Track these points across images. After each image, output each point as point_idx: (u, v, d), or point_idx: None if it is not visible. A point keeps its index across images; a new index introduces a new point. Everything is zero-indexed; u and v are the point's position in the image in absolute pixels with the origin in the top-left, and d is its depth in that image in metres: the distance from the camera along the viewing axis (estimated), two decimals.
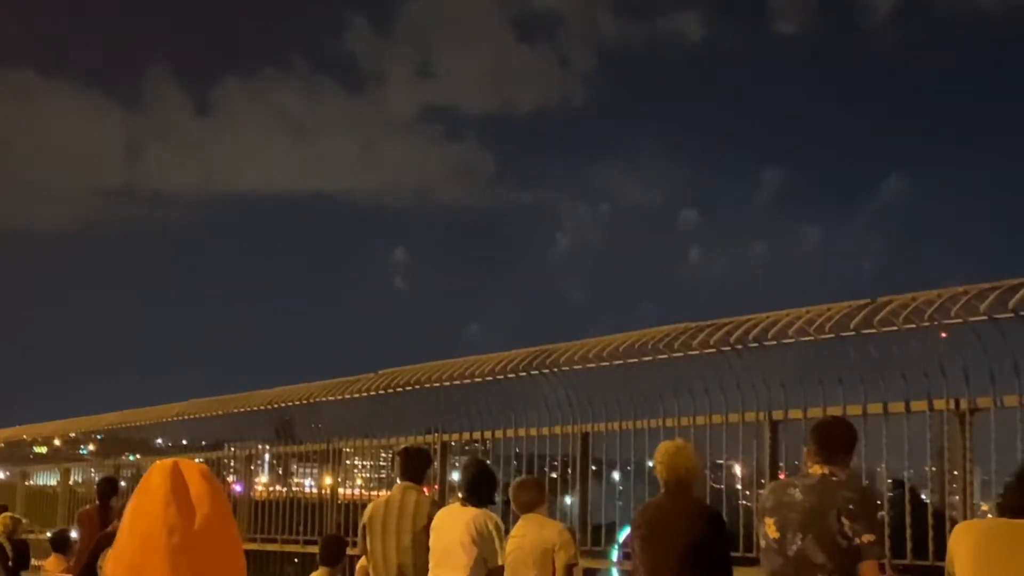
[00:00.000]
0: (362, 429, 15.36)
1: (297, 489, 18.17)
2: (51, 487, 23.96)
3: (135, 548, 2.27)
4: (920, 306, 8.96)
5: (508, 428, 12.92)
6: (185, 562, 2.25)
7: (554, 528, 8.72)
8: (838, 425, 7.10)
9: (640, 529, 7.67)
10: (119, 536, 2.32)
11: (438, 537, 8.95)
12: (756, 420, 10.09)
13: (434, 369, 13.80)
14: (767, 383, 10.08)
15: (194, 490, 2.31)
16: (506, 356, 12.75)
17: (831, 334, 9.45)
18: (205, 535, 2.29)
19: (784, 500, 6.69)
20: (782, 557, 6.60)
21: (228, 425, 17.89)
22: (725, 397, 10.36)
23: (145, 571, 2.25)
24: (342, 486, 15.74)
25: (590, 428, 11.79)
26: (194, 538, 2.27)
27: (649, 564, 7.43)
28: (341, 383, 15.00)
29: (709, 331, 10.33)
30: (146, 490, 2.32)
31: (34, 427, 26.51)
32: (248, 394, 17.21)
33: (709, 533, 7.38)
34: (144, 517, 2.28)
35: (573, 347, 11.93)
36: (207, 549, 2.29)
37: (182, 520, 2.26)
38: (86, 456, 27.77)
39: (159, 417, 19.52)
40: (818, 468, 6.66)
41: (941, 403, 8.99)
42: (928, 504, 9.67)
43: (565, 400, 12.10)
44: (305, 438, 16.61)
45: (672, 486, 7.53)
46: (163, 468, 2.35)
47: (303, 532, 15.04)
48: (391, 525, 9.27)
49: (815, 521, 6.48)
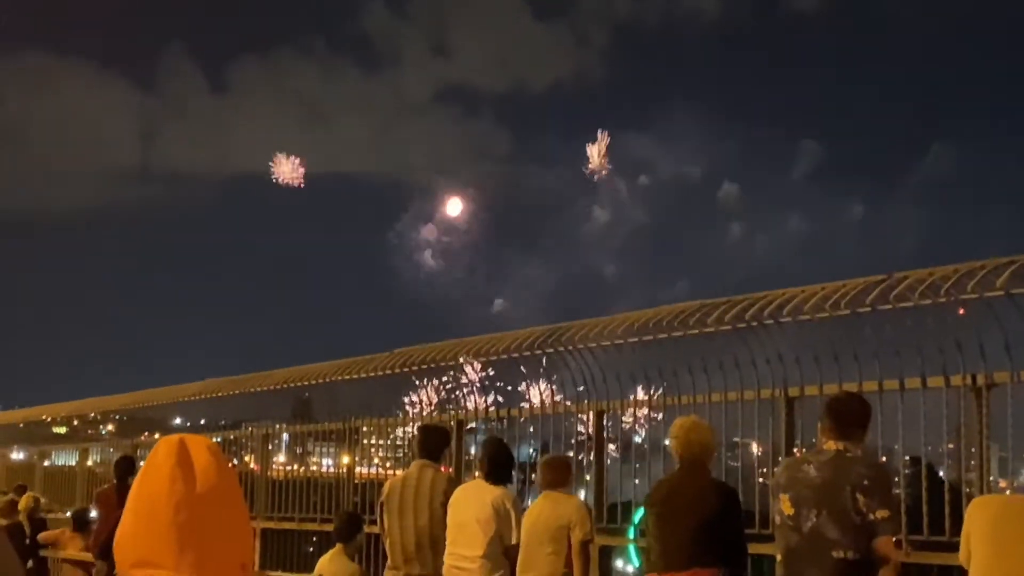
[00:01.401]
0: (378, 408, 15.39)
1: (314, 468, 18.22)
2: (69, 467, 24.07)
3: (141, 523, 2.28)
4: (936, 281, 8.91)
5: (524, 406, 12.94)
6: (192, 537, 2.25)
7: (571, 504, 8.72)
8: (853, 401, 7.09)
9: (655, 506, 7.67)
10: (126, 510, 2.32)
11: (455, 514, 8.97)
12: (772, 397, 10.06)
13: (449, 348, 13.80)
14: (783, 360, 10.05)
15: (200, 465, 2.31)
16: (521, 334, 12.74)
17: (847, 310, 9.41)
18: (212, 510, 2.29)
19: (799, 476, 6.68)
20: (797, 533, 6.60)
21: (246, 404, 17.95)
22: (740, 374, 10.33)
23: (152, 546, 2.26)
24: (359, 465, 15.76)
25: (605, 405, 11.77)
26: (201, 513, 2.27)
27: (663, 540, 7.43)
28: (356, 362, 15.02)
29: (725, 308, 10.30)
30: (152, 466, 2.33)
31: (53, 407, 26.65)
32: (265, 373, 17.26)
33: (723, 509, 7.37)
34: (150, 493, 2.29)
35: (588, 324, 11.91)
36: (214, 524, 2.29)
37: (188, 496, 2.26)
38: (104, 436, 27.91)
39: (176, 397, 19.59)
40: (833, 444, 6.65)
41: (958, 379, 8.95)
42: (945, 480, 9.65)
43: (580, 378, 12.09)
44: (322, 417, 16.65)
45: (687, 463, 7.53)
46: (169, 444, 2.35)
47: (320, 511, 15.07)
48: (408, 503, 9.28)
49: (830, 497, 6.47)
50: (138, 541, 2.27)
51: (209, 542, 2.27)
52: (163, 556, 2.24)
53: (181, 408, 20.38)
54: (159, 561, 2.23)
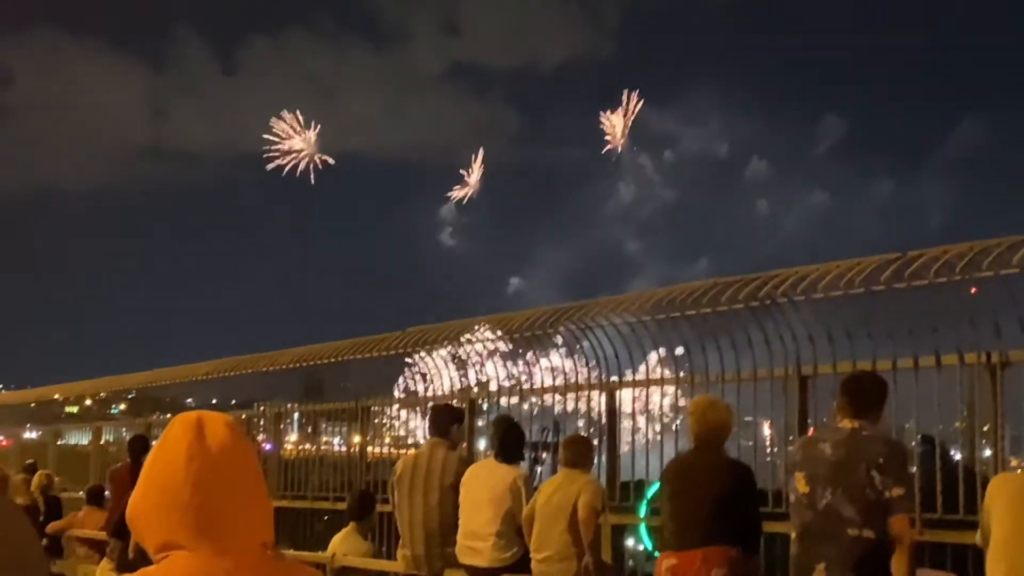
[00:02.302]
0: (390, 387, 15.41)
1: (326, 447, 18.24)
2: (82, 446, 24.12)
3: (159, 502, 2.25)
4: (951, 259, 8.86)
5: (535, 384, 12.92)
6: (211, 517, 2.23)
7: (583, 480, 8.71)
8: (868, 379, 7.08)
9: (669, 483, 7.67)
10: (140, 488, 2.29)
11: (468, 493, 8.98)
12: (785, 376, 10.03)
13: (461, 327, 13.80)
14: (796, 338, 10.01)
15: (218, 443, 2.28)
16: (534, 313, 12.72)
17: (860, 289, 9.36)
18: (230, 488, 2.26)
19: (814, 454, 6.67)
20: (812, 511, 6.59)
21: (257, 384, 17.96)
22: (754, 353, 10.30)
23: (171, 526, 2.23)
24: (371, 444, 15.78)
25: (617, 384, 11.75)
26: (219, 492, 2.24)
27: (678, 516, 7.43)
28: (368, 341, 15.02)
29: (738, 287, 10.26)
30: (168, 444, 2.30)
31: (66, 387, 26.71)
32: (277, 353, 17.27)
33: (738, 487, 7.36)
34: (166, 468, 2.26)
35: (601, 303, 11.89)
36: (233, 502, 2.26)
37: (206, 474, 2.24)
38: (117, 416, 27.96)
39: (188, 376, 19.62)
40: (848, 422, 6.65)
41: (972, 357, 8.90)
42: (959, 459, 9.62)
43: (593, 356, 12.07)
44: (333, 396, 16.66)
45: (702, 441, 7.52)
46: (185, 421, 2.32)
47: (332, 489, 15.09)
48: (419, 481, 9.30)
49: (845, 475, 6.46)
50: (156, 521, 2.25)
51: (228, 521, 2.25)
52: (183, 536, 2.22)
53: (193, 387, 20.40)
54: (179, 541, 2.21)
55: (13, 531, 2.90)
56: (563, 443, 9.27)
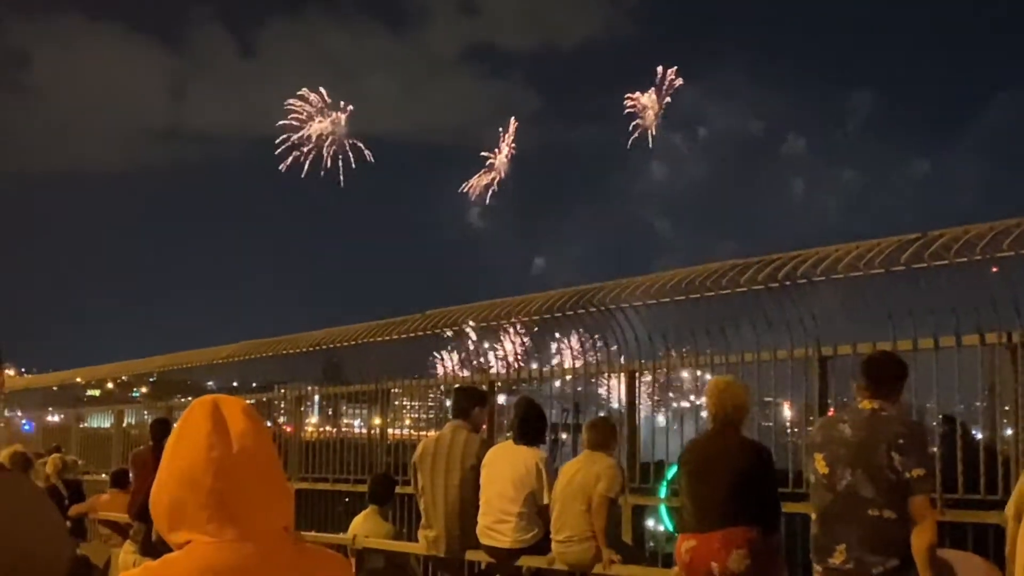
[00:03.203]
0: (410, 369, 15.43)
1: (347, 429, 18.29)
2: (104, 429, 24.25)
3: (176, 485, 2.28)
4: (972, 239, 8.82)
5: (556, 367, 12.94)
6: (232, 502, 2.25)
7: (603, 462, 8.73)
8: (888, 360, 7.06)
9: (688, 464, 7.68)
10: (160, 472, 2.31)
11: (489, 475, 9.01)
12: (805, 356, 10.01)
13: (480, 309, 13.80)
14: (816, 319, 9.99)
15: (236, 430, 2.30)
16: (553, 295, 12.72)
17: (881, 269, 9.33)
18: (250, 474, 2.29)
19: (833, 435, 6.67)
20: (831, 492, 6.59)
21: (277, 366, 18.00)
22: (773, 333, 10.28)
23: (192, 513, 2.26)
24: (391, 426, 15.82)
25: (637, 366, 11.75)
26: (239, 478, 2.27)
27: (696, 498, 7.44)
28: (388, 324, 15.03)
29: (757, 267, 10.24)
30: (187, 430, 2.32)
31: (88, 370, 26.83)
32: (297, 336, 17.30)
33: (756, 468, 7.37)
34: (186, 456, 2.28)
35: (621, 285, 11.87)
36: (253, 488, 2.29)
37: (225, 461, 2.26)
38: (138, 399, 28.07)
39: (209, 359, 19.67)
40: (868, 403, 6.63)
41: (993, 337, 8.88)
42: (980, 439, 9.60)
43: (613, 338, 12.07)
44: (352, 378, 16.69)
45: (720, 422, 7.52)
46: (203, 407, 2.34)
47: (353, 472, 15.14)
48: (440, 463, 9.33)
49: (864, 456, 6.45)
50: (178, 508, 2.27)
51: (249, 506, 2.27)
52: (204, 523, 2.24)
53: (213, 370, 20.45)
54: (200, 528, 2.24)
55: (39, 513, 2.93)
56: (586, 425, 9.29)
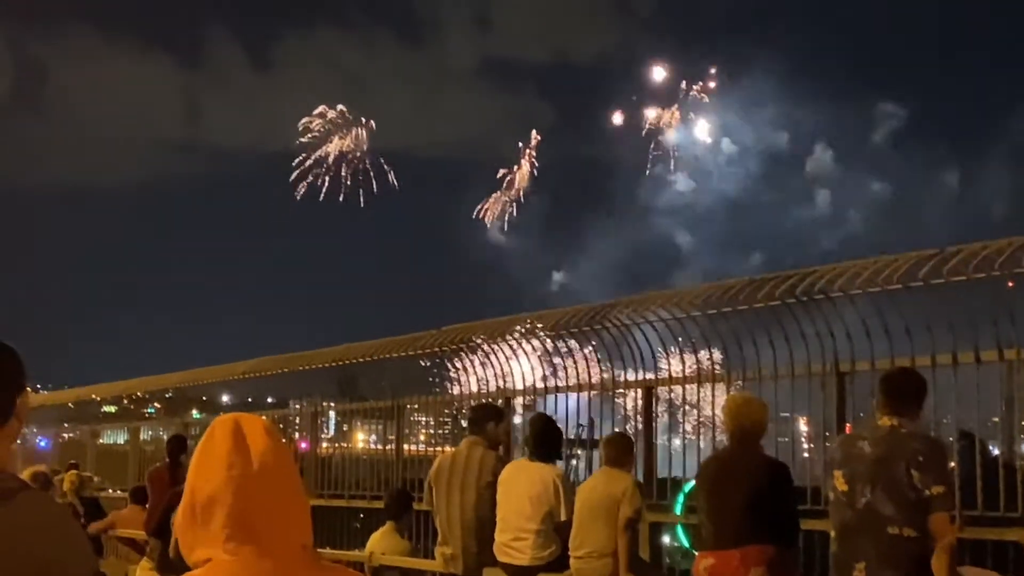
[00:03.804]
0: (426, 385, 15.44)
1: (363, 445, 18.30)
2: (120, 445, 24.30)
3: (197, 504, 2.29)
4: (990, 255, 8.80)
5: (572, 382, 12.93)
6: (252, 521, 2.26)
7: (622, 482, 8.72)
8: (907, 376, 7.03)
9: (706, 481, 7.65)
10: (185, 494, 2.33)
11: (506, 492, 8.99)
12: (822, 372, 9.99)
13: (496, 326, 13.80)
14: (834, 335, 9.97)
15: (256, 449, 2.32)
16: (569, 311, 12.72)
17: (899, 284, 9.32)
18: (270, 493, 2.30)
19: (853, 452, 6.64)
20: (851, 510, 6.55)
21: (292, 381, 18.03)
22: (791, 349, 10.26)
23: (208, 528, 2.27)
24: (406, 442, 15.82)
25: (654, 381, 11.73)
26: (259, 498, 2.28)
27: (715, 515, 7.41)
28: (404, 340, 15.05)
29: (774, 283, 10.23)
30: (208, 449, 2.34)
31: (104, 387, 26.88)
32: (314, 352, 17.32)
33: (775, 485, 7.33)
34: (207, 474, 2.30)
35: (636, 301, 11.88)
36: (273, 506, 2.30)
37: (246, 481, 2.27)
38: (152, 415, 28.14)
39: (226, 376, 19.70)
40: (887, 420, 6.60)
41: (1011, 353, 8.85)
42: (998, 455, 9.56)
43: (629, 354, 12.06)
44: (368, 393, 16.70)
45: (738, 438, 7.49)
46: (224, 425, 2.36)
47: (369, 488, 15.14)
48: (456, 480, 9.30)
49: (884, 473, 6.42)
50: (199, 526, 2.28)
51: (269, 524, 2.28)
52: (224, 541, 2.25)
53: (228, 385, 20.51)
54: (221, 545, 2.24)
55: (64, 530, 2.96)
56: (604, 441, 9.28)
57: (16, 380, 3.01)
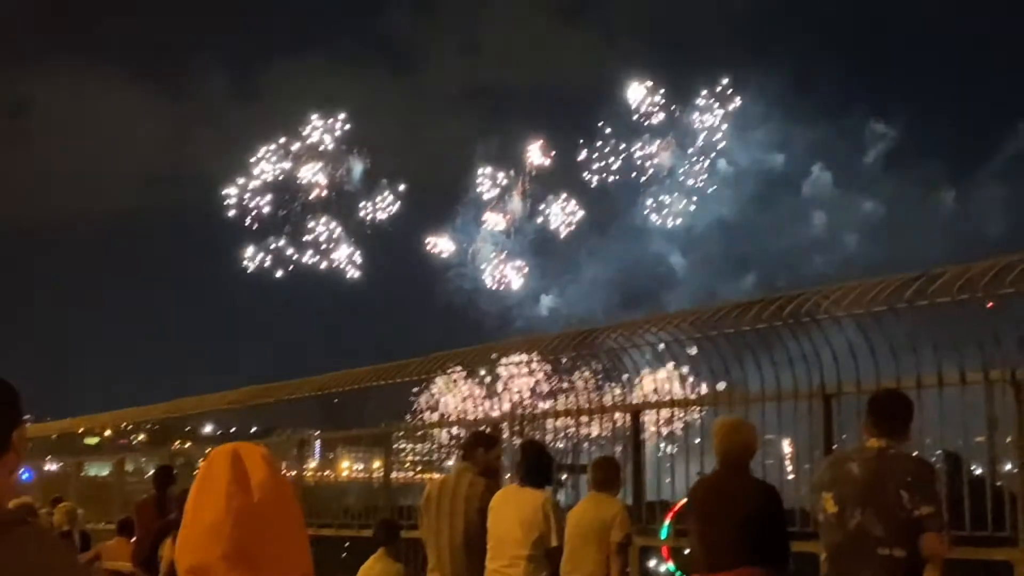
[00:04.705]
0: (413, 412, 15.43)
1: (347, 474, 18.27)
2: (103, 477, 24.16)
3: (201, 537, 2.29)
4: (974, 276, 8.86)
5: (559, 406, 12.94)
6: (252, 551, 2.27)
7: (612, 507, 8.74)
8: (894, 398, 7.08)
9: (696, 505, 7.68)
10: (184, 524, 2.33)
11: (496, 518, 8.97)
12: (809, 395, 10.02)
13: (484, 351, 13.81)
14: (820, 358, 10.00)
15: (256, 479, 2.32)
16: (557, 336, 12.74)
17: (884, 306, 9.36)
18: (270, 523, 2.31)
19: (842, 474, 6.67)
20: (841, 531, 6.58)
21: (276, 411, 17.96)
22: (777, 372, 10.29)
23: (209, 559, 2.27)
24: (394, 469, 15.78)
25: (641, 405, 11.75)
26: (259, 529, 2.29)
27: (706, 539, 7.43)
28: (390, 368, 15.03)
29: (761, 306, 10.27)
30: (208, 480, 2.34)
31: (89, 418, 26.74)
32: (300, 381, 17.27)
33: (765, 508, 7.36)
34: (209, 507, 2.30)
35: (623, 326, 11.90)
36: (272, 537, 2.31)
37: (246, 512, 2.28)
38: (136, 446, 28.01)
39: (212, 406, 19.61)
40: (875, 442, 6.64)
41: (996, 374, 8.89)
42: (979, 475, 9.60)
43: (616, 377, 12.08)
44: (353, 421, 16.65)
45: (728, 462, 7.52)
46: (224, 455, 2.36)
47: (358, 516, 15.08)
48: (445, 506, 9.30)
49: (873, 495, 6.45)
50: (199, 557, 2.28)
51: (269, 555, 2.29)
52: (226, 572, 2.25)
53: (211, 415, 20.40)
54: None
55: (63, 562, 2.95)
56: (591, 465, 9.31)
57: (13, 413, 3.02)
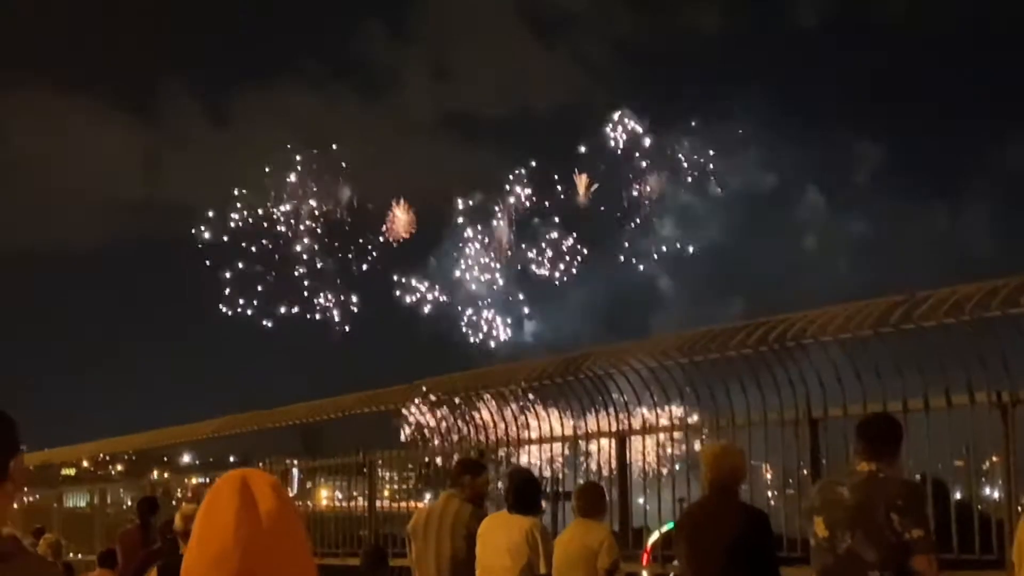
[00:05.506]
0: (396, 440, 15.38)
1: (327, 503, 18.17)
2: (82, 508, 23.99)
3: (208, 567, 2.26)
4: (959, 300, 8.91)
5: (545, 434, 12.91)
6: None
7: (599, 532, 8.73)
8: (884, 422, 7.10)
9: (685, 530, 7.67)
10: (189, 554, 2.31)
11: (485, 546, 8.95)
12: (796, 419, 10.04)
13: (467, 378, 13.79)
14: (806, 382, 10.03)
15: (265, 508, 2.29)
16: (540, 364, 12.74)
17: (869, 330, 9.40)
18: (278, 552, 2.28)
19: (832, 498, 6.68)
20: (832, 555, 6.59)
21: (254, 439, 17.88)
22: (763, 397, 10.31)
23: None
24: (377, 498, 15.72)
25: (628, 431, 11.75)
26: (267, 558, 2.26)
27: (694, 565, 7.42)
28: (373, 395, 15.01)
29: (747, 331, 10.30)
30: (215, 507, 2.31)
31: (67, 450, 26.57)
32: (282, 409, 17.21)
33: (754, 534, 7.36)
34: (215, 534, 2.27)
35: (609, 351, 11.92)
36: (280, 565, 2.28)
37: (255, 540, 2.25)
38: (114, 476, 27.82)
39: (192, 436, 19.51)
40: (865, 465, 6.65)
41: (982, 396, 8.94)
42: (971, 498, 9.62)
43: (601, 403, 12.07)
44: (334, 450, 16.58)
45: (717, 487, 7.52)
46: (231, 483, 2.33)
47: (343, 545, 15.01)
48: (431, 533, 9.28)
49: (864, 518, 6.46)
50: None
51: None
52: None
53: (190, 445, 20.28)
54: None
55: None
56: (576, 492, 9.29)
57: (10, 442, 3.01)
